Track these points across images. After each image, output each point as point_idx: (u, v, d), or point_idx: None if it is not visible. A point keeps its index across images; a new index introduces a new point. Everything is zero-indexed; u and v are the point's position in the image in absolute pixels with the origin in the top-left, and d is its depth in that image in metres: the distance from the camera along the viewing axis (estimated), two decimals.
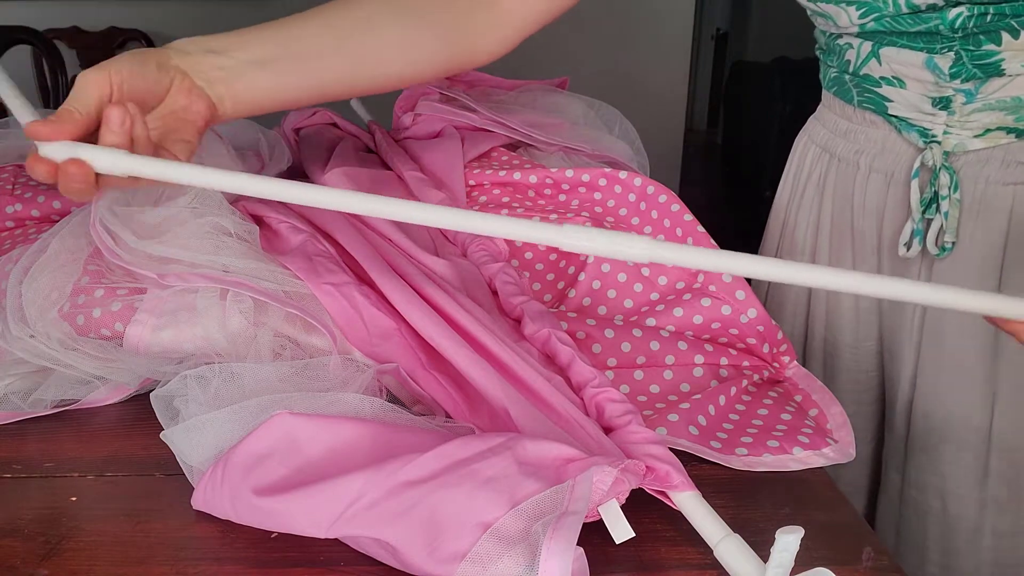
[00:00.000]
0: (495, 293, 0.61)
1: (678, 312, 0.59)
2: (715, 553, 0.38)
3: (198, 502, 0.42)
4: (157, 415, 0.47)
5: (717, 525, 0.39)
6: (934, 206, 0.65)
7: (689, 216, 0.65)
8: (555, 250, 0.67)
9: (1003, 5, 0.57)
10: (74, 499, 0.44)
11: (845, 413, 0.52)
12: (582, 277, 0.62)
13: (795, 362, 0.58)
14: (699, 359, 0.56)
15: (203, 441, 0.44)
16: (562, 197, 0.73)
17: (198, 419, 0.44)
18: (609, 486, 0.38)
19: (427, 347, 0.52)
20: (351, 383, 0.49)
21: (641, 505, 0.41)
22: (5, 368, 0.53)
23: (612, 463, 0.39)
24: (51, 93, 2.37)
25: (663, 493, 0.41)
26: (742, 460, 0.47)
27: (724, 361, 0.56)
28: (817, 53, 0.75)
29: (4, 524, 0.42)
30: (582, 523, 0.35)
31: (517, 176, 0.74)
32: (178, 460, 0.45)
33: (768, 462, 0.47)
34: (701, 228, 0.64)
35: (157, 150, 0.46)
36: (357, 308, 0.54)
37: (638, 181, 0.69)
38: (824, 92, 0.76)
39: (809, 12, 0.70)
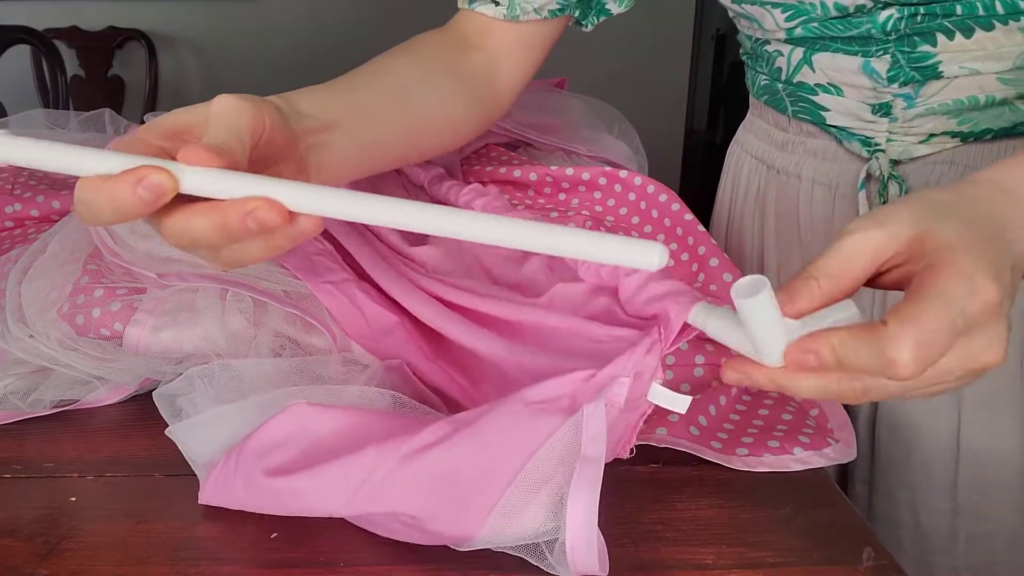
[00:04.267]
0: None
1: None
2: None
3: (208, 495, 0.42)
4: (161, 413, 0.47)
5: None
6: None
7: (689, 215, 0.65)
8: None
9: (933, 5, 0.56)
10: (74, 499, 0.44)
11: (846, 412, 0.52)
12: None
13: None
14: (699, 359, 0.56)
15: (210, 436, 0.43)
16: (562, 196, 0.73)
17: (205, 415, 0.44)
18: (624, 397, 0.38)
19: (429, 338, 0.52)
20: (354, 381, 0.49)
21: (641, 505, 0.41)
22: (5, 368, 0.53)
23: (621, 373, 0.38)
24: (50, 93, 2.37)
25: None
26: (743, 460, 0.47)
27: (725, 361, 0.56)
28: (743, 58, 0.73)
29: (4, 524, 0.42)
30: (603, 466, 0.36)
31: (517, 174, 0.74)
32: (184, 456, 0.45)
33: (769, 462, 0.47)
34: (701, 227, 0.64)
35: None
36: (358, 305, 0.54)
37: (638, 180, 0.69)
38: (753, 100, 0.73)
39: (732, 14, 0.68)
